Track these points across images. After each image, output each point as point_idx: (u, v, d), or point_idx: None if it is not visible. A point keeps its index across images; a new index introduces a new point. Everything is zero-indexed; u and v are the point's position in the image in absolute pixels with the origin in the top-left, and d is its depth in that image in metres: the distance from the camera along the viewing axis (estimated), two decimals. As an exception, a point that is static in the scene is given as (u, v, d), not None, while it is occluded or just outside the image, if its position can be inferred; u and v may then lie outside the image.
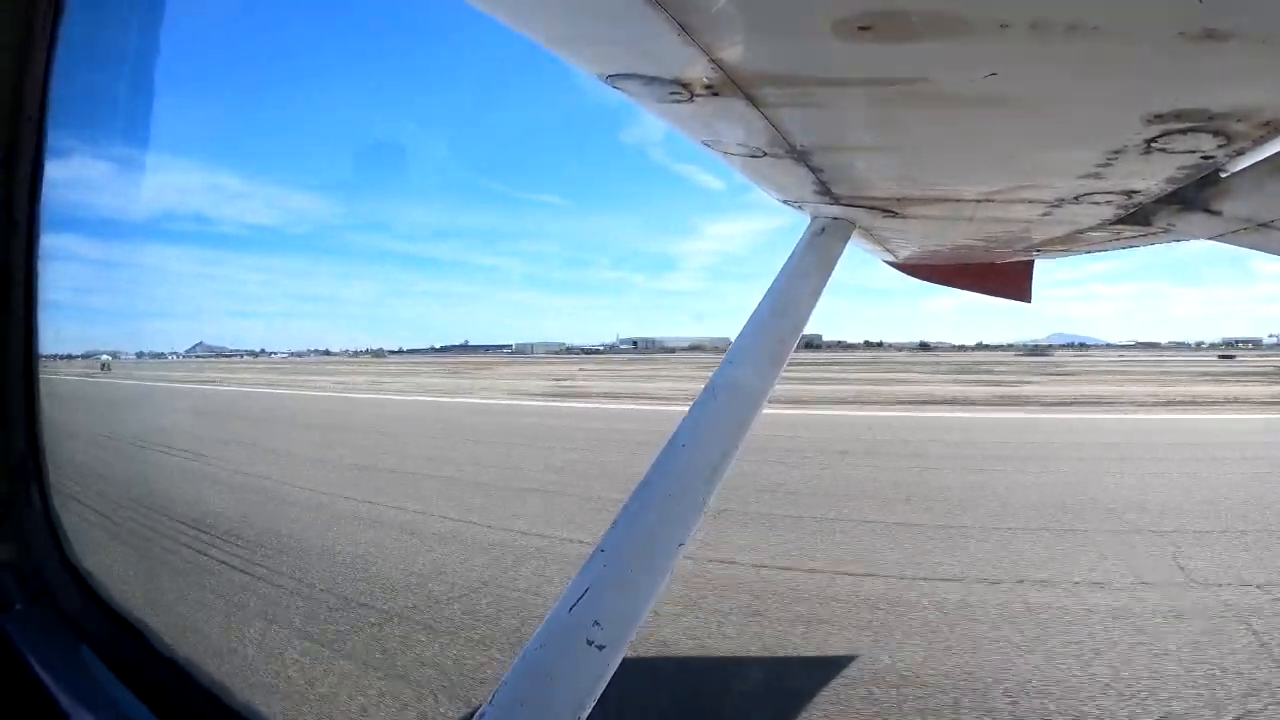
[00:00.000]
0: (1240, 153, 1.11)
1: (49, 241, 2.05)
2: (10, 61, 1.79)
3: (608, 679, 1.07)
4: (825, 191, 1.53)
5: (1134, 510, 8.23)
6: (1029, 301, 3.58)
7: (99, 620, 2.19)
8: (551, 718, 1.03)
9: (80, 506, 7.08)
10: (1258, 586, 5.81)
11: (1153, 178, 1.31)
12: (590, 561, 1.16)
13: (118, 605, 2.33)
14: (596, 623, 1.08)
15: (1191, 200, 1.55)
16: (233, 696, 2.28)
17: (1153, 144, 1.07)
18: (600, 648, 1.07)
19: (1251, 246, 1.86)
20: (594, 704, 1.05)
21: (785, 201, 1.71)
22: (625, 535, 1.20)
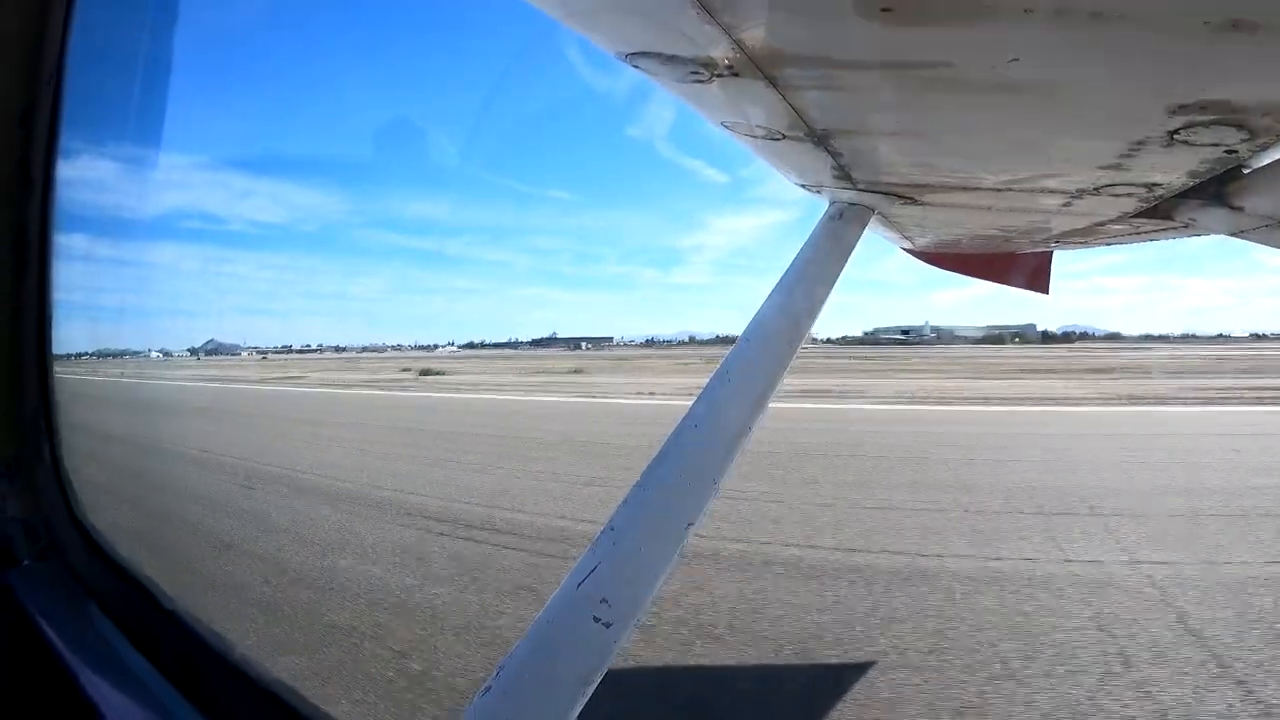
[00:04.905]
0: (1264, 147, 1.09)
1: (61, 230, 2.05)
2: (26, 23, 1.79)
3: (614, 656, 1.07)
4: (844, 176, 1.52)
5: None
6: (1047, 293, 3.55)
7: (106, 576, 2.22)
8: (556, 693, 1.03)
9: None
10: None
11: (1175, 170, 1.29)
12: (599, 539, 1.16)
13: (125, 562, 2.36)
14: (604, 600, 1.08)
15: (1213, 195, 1.52)
16: (237, 654, 2.31)
17: (1175, 136, 1.05)
18: (607, 625, 1.07)
19: (1273, 244, 1.83)
20: (599, 680, 1.06)
21: (803, 185, 1.69)
22: (636, 513, 1.20)
